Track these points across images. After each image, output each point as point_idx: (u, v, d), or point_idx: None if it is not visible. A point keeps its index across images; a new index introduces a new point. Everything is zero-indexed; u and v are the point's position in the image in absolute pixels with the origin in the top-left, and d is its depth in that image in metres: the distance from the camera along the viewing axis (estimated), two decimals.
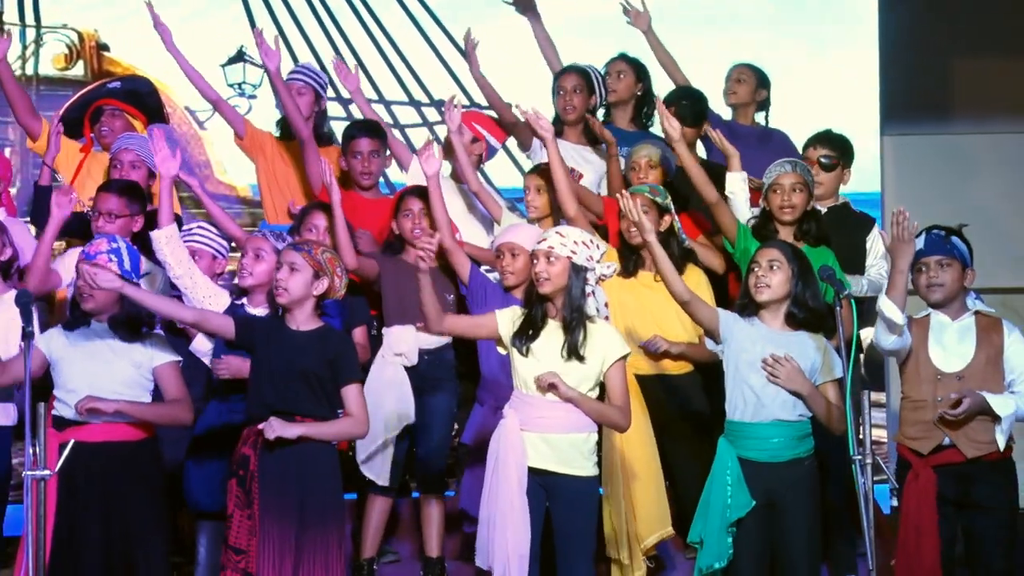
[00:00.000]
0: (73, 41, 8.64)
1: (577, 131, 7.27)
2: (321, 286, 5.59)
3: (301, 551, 5.45)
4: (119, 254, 5.70)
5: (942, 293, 5.81)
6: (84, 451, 5.51)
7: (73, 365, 5.66)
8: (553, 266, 5.51)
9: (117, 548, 5.60)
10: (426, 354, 6.45)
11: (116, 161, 6.86)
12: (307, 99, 7.26)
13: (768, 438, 5.64)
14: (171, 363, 5.75)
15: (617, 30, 7.83)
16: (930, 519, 5.66)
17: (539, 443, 5.48)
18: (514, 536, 5.44)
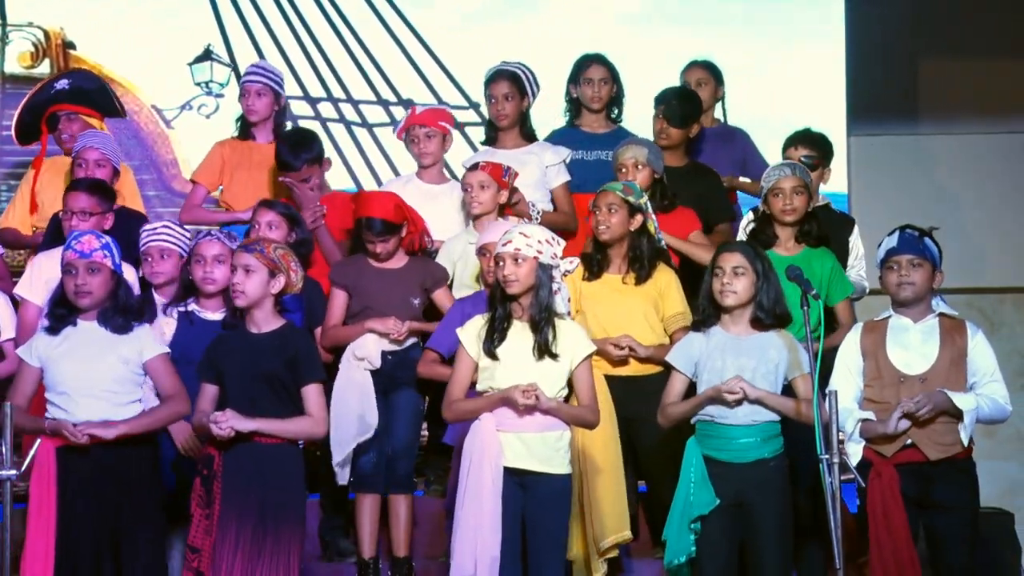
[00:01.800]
0: (39, 39, 8.61)
1: (513, 134, 7.24)
2: (278, 284, 5.59)
3: (259, 550, 5.44)
4: (110, 249, 5.69)
5: (912, 291, 5.83)
6: (80, 453, 5.53)
7: (62, 367, 5.63)
8: (520, 267, 5.52)
9: (109, 547, 5.58)
10: (390, 355, 6.44)
11: (80, 160, 6.82)
12: (267, 99, 7.23)
13: (735, 438, 5.68)
14: (161, 355, 5.72)
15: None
16: (899, 514, 5.67)
17: (515, 442, 5.51)
18: (484, 538, 5.46)
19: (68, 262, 5.69)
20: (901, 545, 5.67)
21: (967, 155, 9.16)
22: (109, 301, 5.69)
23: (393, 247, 6.49)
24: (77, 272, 5.65)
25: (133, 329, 5.70)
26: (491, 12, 8.84)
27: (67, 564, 5.54)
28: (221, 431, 5.43)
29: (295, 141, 6.98)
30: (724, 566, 5.68)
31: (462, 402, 5.62)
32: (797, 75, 8.86)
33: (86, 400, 5.61)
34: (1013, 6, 9.12)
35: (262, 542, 5.44)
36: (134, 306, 5.76)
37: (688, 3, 8.97)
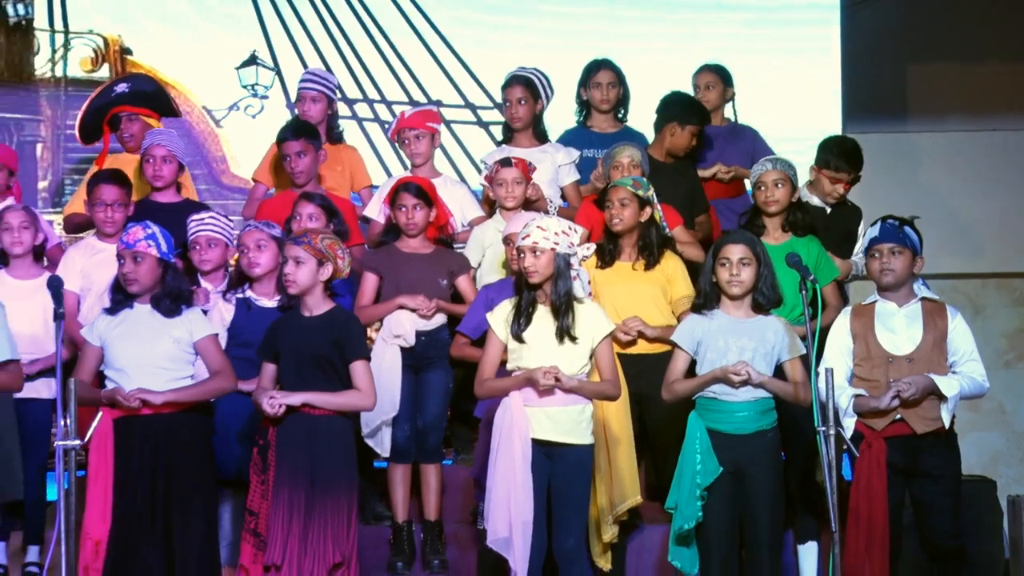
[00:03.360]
0: (99, 45, 8.63)
1: (527, 135, 7.26)
2: (326, 272, 5.62)
3: (311, 515, 5.48)
4: (155, 239, 5.73)
5: (893, 277, 5.84)
6: (135, 423, 5.58)
7: (119, 346, 5.67)
8: (539, 259, 5.56)
9: (161, 512, 5.61)
10: (423, 335, 6.47)
11: (149, 156, 6.82)
12: (320, 106, 7.27)
13: (734, 412, 5.69)
14: (210, 336, 5.77)
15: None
16: (880, 486, 5.68)
17: (541, 417, 5.57)
18: (517, 504, 5.51)
19: (118, 252, 5.76)
20: (877, 512, 5.67)
21: (953, 151, 9.16)
22: (158, 287, 5.73)
23: (422, 221, 6.50)
24: (125, 261, 5.71)
25: (183, 312, 5.74)
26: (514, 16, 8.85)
27: (124, 525, 5.57)
28: (271, 408, 5.48)
29: (300, 124, 7.04)
30: (727, 530, 5.70)
31: (492, 381, 5.67)
32: (797, 77, 8.85)
33: (141, 376, 5.65)
34: (995, 15, 9.11)
35: (313, 506, 5.48)
36: (182, 291, 5.80)
37: (693, 7, 8.95)
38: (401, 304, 6.40)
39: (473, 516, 6.49)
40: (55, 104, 8.55)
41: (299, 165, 6.86)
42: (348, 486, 5.58)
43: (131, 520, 5.58)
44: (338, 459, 5.57)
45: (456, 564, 6.47)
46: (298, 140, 6.88)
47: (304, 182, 6.88)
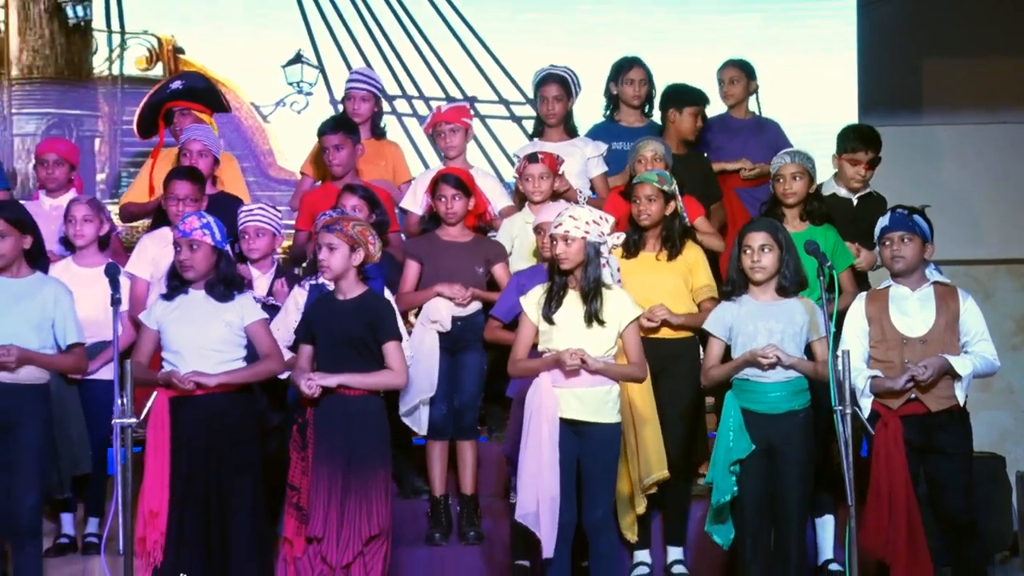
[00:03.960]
0: (153, 45, 8.65)
1: (559, 129, 7.26)
2: (358, 257, 5.62)
3: (347, 490, 5.50)
4: (210, 228, 5.74)
5: (904, 264, 5.83)
6: (188, 403, 5.61)
7: (175, 329, 5.70)
8: (570, 247, 5.57)
9: (215, 487, 5.64)
10: (459, 320, 6.47)
11: (185, 150, 6.86)
12: (368, 104, 7.28)
13: (766, 392, 5.71)
14: (260, 321, 5.77)
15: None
16: (899, 462, 5.67)
17: (570, 397, 5.58)
18: (545, 480, 5.53)
19: (175, 240, 5.78)
20: (898, 487, 5.66)
21: (965, 143, 9.09)
22: (212, 273, 5.75)
23: (461, 210, 6.51)
24: (181, 249, 5.73)
25: (235, 297, 5.76)
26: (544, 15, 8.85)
27: (178, 499, 5.60)
28: (308, 389, 5.50)
29: (339, 119, 7.06)
30: (759, 505, 5.71)
31: (524, 362, 5.68)
32: (815, 71, 8.79)
33: (195, 358, 5.67)
34: (1006, 11, 9.05)
35: (349, 482, 5.50)
36: (235, 277, 5.83)
37: (714, 6, 8.93)
38: (439, 292, 6.41)
39: (506, 490, 6.52)
40: (112, 101, 8.58)
41: (336, 158, 6.88)
42: (382, 463, 5.59)
43: (185, 494, 5.61)
44: (373, 437, 5.58)
45: (490, 535, 6.48)
46: (336, 134, 6.90)
47: (341, 174, 6.89)
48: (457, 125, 7.02)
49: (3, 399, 5.65)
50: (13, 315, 5.68)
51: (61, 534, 6.40)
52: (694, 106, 7.21)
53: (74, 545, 6.38)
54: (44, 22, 8.55)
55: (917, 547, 5.65)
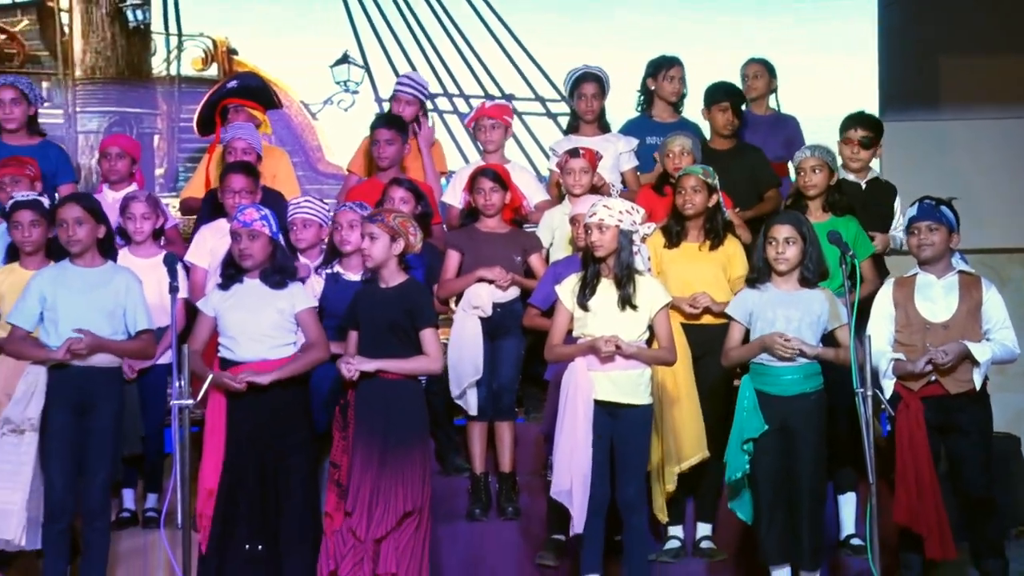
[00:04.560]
0: (208, 47, 8.67)
1: (593, 126, 7.24)
2: (398, 247, 5.61)
3: (383, 468, 5.48)
4: (267, 219, 5.75)
5: (931, 251, 5.80)
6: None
7: (230, 316, 5.71)
8: (604, 235, 5.56)
9: (269, 465, 5.65)
10: (498, 306, 6.46)
11: (230, 148, 6.85)
12: (413, 108, 7.28)
13: (780, 375, 5.69)
14: (310, 309, 5.77)
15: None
16: (921, 441, 5.66)
17: (604, 380, 5.57)
18: (578, 459, 5.53)
19: (234, 231, 5.77)
20: (923, 465, 5.66)
21: (981, 138, 9.01)
22: (268, 262, 5.75)
23: (499, 203, 6.49)
24: (241, 239, 5.72)
25: (288, 286, 5.76)
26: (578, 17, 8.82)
27: (232, 478, 5.62)
28: (348, 372, 5.50)
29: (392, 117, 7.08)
30: (773, 481, 5.69)
31: (560, 347, 5.68)
32: (837, 70, 8.76)
33: (248, 343, 5.69)
34: (1020, 12, 8.98)
35: (386, 460, 5.48)
36: (288, 266, 5.83)
37: (740, 7, 8.89)
38: (480, 276, 6.40)
39: (542, 468, 6.51)
40: (170, 100, 8.60)
41: (385, 151, 6.89)
42: (419, 443, 5.58)
43: (239, 473, 5.62)
44: (409, 419, 5.56)
45: (527, 511, 6.47)
46: (388, 130, 6.92)
47: (387, 167, 6.90)
48: (498, 121, 7.01)
49: (79, 382, 5.67)
50: (87, 303, 5.69)
51: (123, 509, 6.43)
52: (721, 102, 7.17)
53: (135, 519, 6.41)
54: (106, 25, 8.58)
55: (942, 521, 5.64)
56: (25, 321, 5.71)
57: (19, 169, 6.54)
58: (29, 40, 8.55)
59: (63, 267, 5.78)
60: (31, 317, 5.71)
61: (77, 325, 5.65)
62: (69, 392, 5.64)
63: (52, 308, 5.68)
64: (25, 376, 5.67)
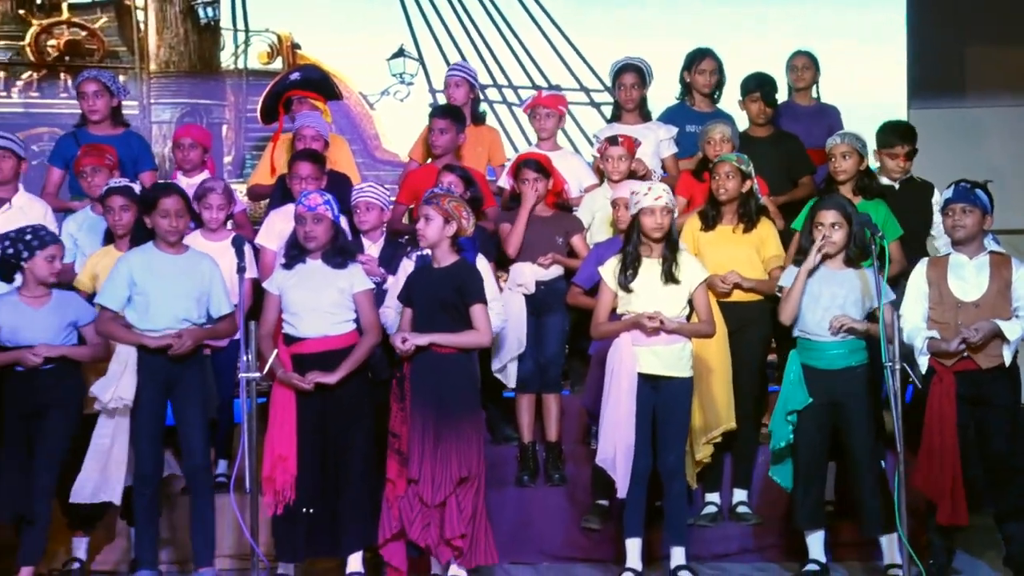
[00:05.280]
0: (274, 41, 8.68)
1: (635, 114, 7.18)
2: (451, 229, 5.58)
3: (439, 437, 5.47)
4: (330, 204, 5.73)
5: (964, 233, 5.73)
6: (307, 360, 5.63)
7: (294, 294, 5.69)
8: (666, 218, 5.60)
9: (332, 429, 5.65)
10: (542, 284, 6.45)
11: (300, 135, 6.85)
12: (463, 90, 7.24)
13: (826, 350, 5.68)
14: (367, 291, 5.75)
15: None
16: (950, 413, 5.62)
17: (648, 354, 5.58)
18: (622, 430, 5.53)
19: (299, 214, 5.75)
20: (947, 435, 5.62)
21: (1005, 124, 8.91)
22: (330, 244, 5.74)
23: (543, 190, 6.47)
24: (305, 222, 5.70)
25: (348, 266, 5.75)
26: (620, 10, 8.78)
27: (303, 444, 5.62)
28: (402, 347, 5.50)
29: (450, 107, 7.04)
30: (816, 451, 5.70)
31: (605, 325, 5.68)
32: (868, 60, 8.65)
33: (310, 320, 5.67)
34: None
35: (441, 430, 5.47)
36: (349, 248, 5.83)
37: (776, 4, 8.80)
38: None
39: (586, 437, 6.51)
40: (237, 91, 8.62)
41: (440, 139, 6.87)
42: (471, 413, 5.55)
43: (307, 440, 5.62)
44: (462, 390, 5.54)
45: (573, 478, 6.46)
46: (444, 119, 6.88)
47: (440, 154, 6.87)
48: (552, 110, 6.99)
49: (166, 360, 5.64)
50: (180, 291, 5.66)
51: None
52: (753, 92, 7.10)
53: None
54: (179, 22, 8.61)
55: (956, 490, 5.61)
56: (115, 303, 5.69)
57: (99, 159, 6.57)
58: (108, 36, 8.60)
59: (149, 251, 5.74)
60: (120, 299, 5.69)
61: (169, 310, 5.63)
62: (158, 371, 5.63)
63: (142, 292, 5.66)
64: (116, 356, 5.67)
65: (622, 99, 7.20)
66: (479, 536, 5.47)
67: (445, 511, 5.44)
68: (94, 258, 6.23)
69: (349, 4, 8.68)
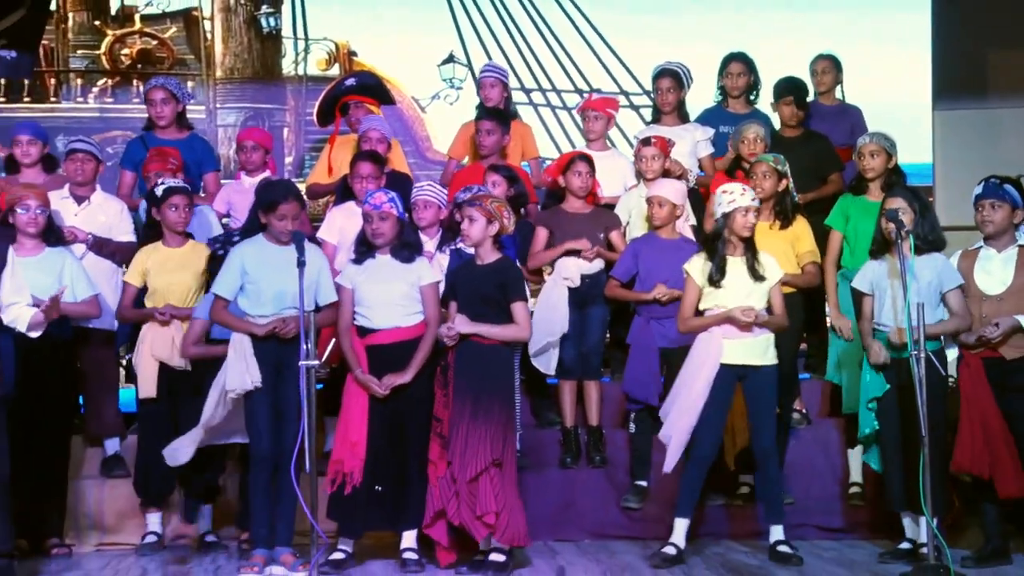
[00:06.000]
0: (331, 49, 8.72)
1: (673, 116, 7.11)
2: (493, 228, 5.54)
3: (475, 421, 5.42)
4: (395, 201, 5.69)
5: (993, 228, 5.62)
6: (378, 352, 5.62)
7: (365, 288, 5.66)
8: (755, 217, 5.65)
9: (399, 416, 5.63)
10: (586, 278, 6.42)
11: (365, 137, 6.82)
12: (497, 90, 7.21)
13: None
14: (432, 284, 5.69)
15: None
16: (985, 393, 5.51)
17: (737, 346, 5.61)
18: (690, 416, 5.57)
19: (365, 213, 5.70)
20: (989, 412, 5.50)
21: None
22: (397, 239, 5.70)
23: (587, 184, 6.46)
24: (372, 220, 5.67)
25: (415, 260, 5.71)
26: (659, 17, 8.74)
27: (374, 430, 5.61)
28: (447, 335, 5.49)
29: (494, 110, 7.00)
30: (895, 435, 5.61)
31: (693, 320, 5.69)
32: (894, 63, 8.57)
33: (382, 312, 5.63)
34: None
35: (476, 413, 5.42)
36: (415, 242, 5.78)
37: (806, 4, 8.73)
38: (569, 247, 6.36)
39: (624, 421, 6.48)
40: (297, 96, 8.66)
41: (487, 141, 6.84)
42: (504, 402, 5.49)
43: (376, 423, 5.62)
44: (498, 380, 5.49)
45: (613, 460, 6.44)
46: (491, 121, 6.84)
47: (488, 155, 6.83)
48: (601, 113, 6.94)
49: (277, 345, 5.55)
50: (288, 279, 5.48)
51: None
52: (785, 96, 7.06)
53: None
54: (243, 32, 8.65)
55: (1014, 459, 5.50)
56: (229, 292, 5.62)
57: (162, 164, 6.58)
58: (177, 45, 8.66)
59: (260, 244, 5.63)
60: (233, 288, 5.62)
61: (281, 300, 5.54)
62: (270, 355, 5.53)
63: (254, 281, 5.59)
64: (233, 344, 5.62)
65: (660, 102, 7.15)
66: (511, 518, 5.42)
67: (479, 489, 5.40)
68: (143, 254, 6.19)
69: (403, 14, 8.68)
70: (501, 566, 5.41)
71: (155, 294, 6.12)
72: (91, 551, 6.19)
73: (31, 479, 5.92)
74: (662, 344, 6.15)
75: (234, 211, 6.91)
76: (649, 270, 6.20)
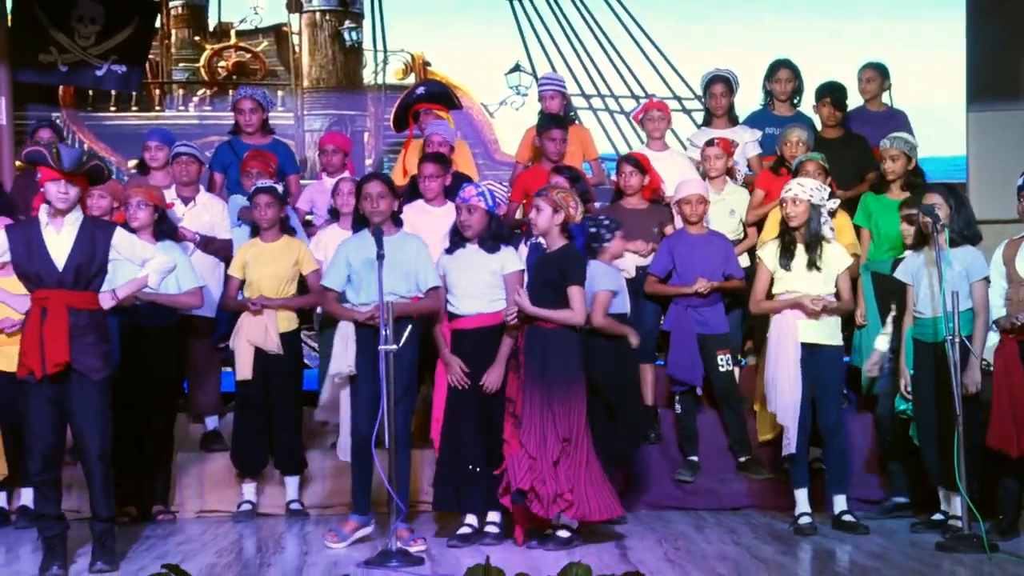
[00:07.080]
0: (408, 60, 8.71)
1: (723, 119, 7.08)
2: (559, 217, 5.49)
3: (547, 402, 5.38)
4: (484, 195, 5.64)
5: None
6: (465, 334, 5.62)
7: (455, 276, 5.64)
8: (797, 207, 5.59)
9: (487, 400, 5.60)
10: (641, 269, 6.41)
11: (429, 141, 6.83)
12: (558, 100, 7.18)
13: (927, 325, 5.53)
14: (516, 273, 5.63)
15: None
16: (1017, 372, 5.39)
17: (807, 327, 5.60)
18: (791, 393, 5.59)
19: (456, 206, 5.67)
20: (1017, 391, 5.37)
21: None
22: (485, 230, 5.66)
23: (637, 184, 6.42)
24: (461, 212, 5.63)
25: (500, 250, 5.64)
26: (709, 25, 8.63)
27: (453, 408, 5.62)
28: (508, 318, 5.47)
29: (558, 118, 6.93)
30: (932, 412, 5.53)
31: (764, 302, 5.74)
32: (930, 65, 8.35)
33: (467, 299, 5.61)
34: None
35: (546, 394, 5.39)
36: (503, 234, 5.71)
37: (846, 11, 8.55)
38: (628, 249, 6.29)
39: (670, 401, 6.43)
40: (377, 104, 8.67)
41: (555, 148, 6.78)
42: (572, 381, 5.40)
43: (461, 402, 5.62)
44: (563, 361, 5.40)
45: (667, 437, 6.46)
46: (559, 130, 6.79)
47: (555, 160, 6.82)
48: (664, 114, 6.95)
49: (377, 331, 5.50)
50: (394, 269, 5.44)
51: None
52: (824, 99, 6.98)
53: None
54: (328, 45, 8.69)
55: None
56: (337, 284, 5.59)
57: (264, 164, 6.66)
58: (268, 58, 8.72)
59: (363, 236, 5.56)
60: (340, 280, 5.58)
61: (389, 289, 5.42)
62: (371, 341, 5.45)
63: (357, 272, 5.55)
64: (338, 332, 5.67)
65: (712, 106, 7.12)
66: (588, 492, 5.35)
67: (559, 470, 5.34)
68: (242, 250, 6.27)
69: (473, 26, 8.66)
70: (565, 541, 5.36)
71: (251, 285, 6.19)
72: (192, 517, 6.28)
73: (140, 453, 6.02)
74: (700, 330, 6.14)
75: (316, 209, 6.96)
76: (686, 264, 6.17)
